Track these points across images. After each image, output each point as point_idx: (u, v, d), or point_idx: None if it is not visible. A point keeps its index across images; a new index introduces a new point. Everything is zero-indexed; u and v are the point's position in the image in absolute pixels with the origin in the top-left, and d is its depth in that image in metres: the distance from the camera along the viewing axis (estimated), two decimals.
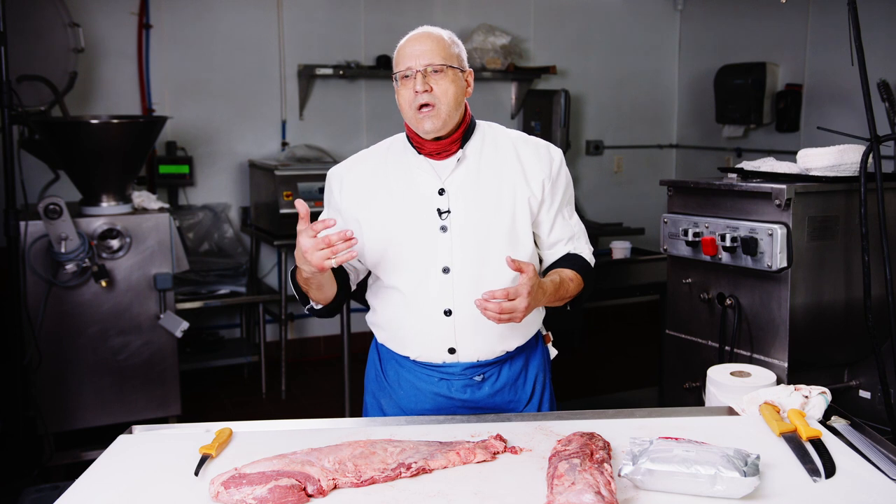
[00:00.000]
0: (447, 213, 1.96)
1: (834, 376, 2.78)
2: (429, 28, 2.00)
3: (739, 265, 2.60)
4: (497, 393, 2.06)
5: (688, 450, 1.52)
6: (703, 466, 1.46)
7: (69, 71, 4.22)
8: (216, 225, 5.04)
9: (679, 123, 6.58)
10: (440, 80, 1.90)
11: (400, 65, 1.93)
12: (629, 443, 1.58)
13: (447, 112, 1.92)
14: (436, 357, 2.02)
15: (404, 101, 1.92)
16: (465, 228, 1.96)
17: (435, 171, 1.98)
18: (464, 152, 1.99)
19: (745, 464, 1.48)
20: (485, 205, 1.97)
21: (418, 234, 1.97)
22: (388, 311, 2.06)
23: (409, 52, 1.93)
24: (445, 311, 1.96)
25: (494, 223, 1.97)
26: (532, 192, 1.99)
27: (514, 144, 2.04)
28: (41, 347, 3.54)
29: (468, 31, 5.68)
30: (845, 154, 2.63)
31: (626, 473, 1.50)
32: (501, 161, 2.01)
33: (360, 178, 2.04)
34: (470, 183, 1.98)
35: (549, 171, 2.02)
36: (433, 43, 1.93)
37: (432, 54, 1.91)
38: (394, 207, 1.99)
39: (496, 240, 1.96)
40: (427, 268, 1.96)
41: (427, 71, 1.89)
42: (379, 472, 1.55)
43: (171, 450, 1.71)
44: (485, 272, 1.95)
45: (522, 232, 1.99)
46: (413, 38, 1.96)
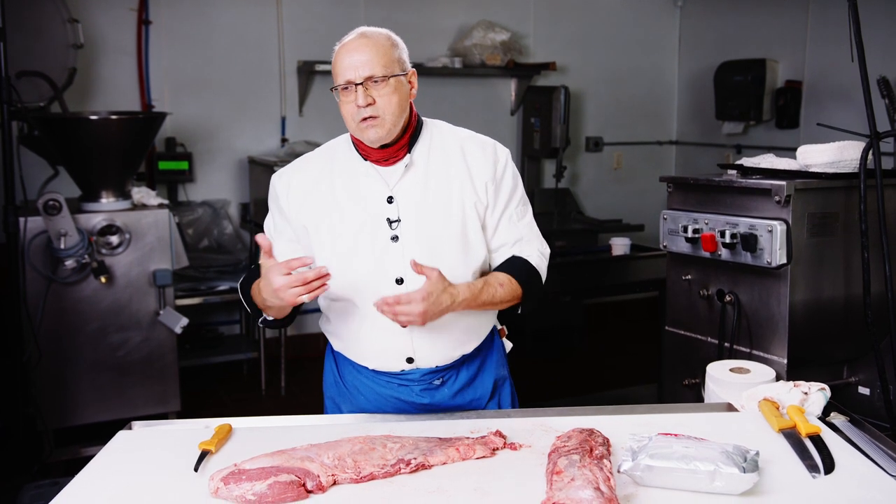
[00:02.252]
0: (397, 222, 1.91)
1: (833, 373, 2.78)
2: (365, 31, 1.88)
3: (739, 262, 2.60)
4: (457, 394, 2.04)
5: (687, 446, 1.52)
6: (703, 463, 1.46)
7: (68, 67, 4.22)
8: (215, 221, 5.04)
9: (679, 120, 6.58)
10: (382, 90, 1.82)
11: (338, 77, 1.84)
12: (628, 439, 1.59)
13: (392, 121, 1.86)
14: (394, 366, 2.00)
15: (346, 114, 1.85)
16: (417, 237, 1.91)
17: (382, 178, 1.92)
18: (411, 157, 1.93)
19: (744, 460, 1.48)
20: (434, 212, 1.92)
21: (369, 246, 1.91)
22: (342, 321, 2.02)
23: (347, 63, 1.83)
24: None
25: (445, 230, 1.92)
26: (478, 196, 1.94)
27: (462, 145, 1.97)
28: (41, 344, 3.53)
29: (468, 28, 5.67)
30: (845, 150, 2.63)
31: (625, 469, 1.51)
32: (449, 164, 1.95)
33: (306, 186, 1.97)
34: (419, 189, 1.92)
35: (492, 173, 1.96)
36: (372, 51, 1.83)
37: (372, 64, 1.82)
38: (343, 217, 1.93)
39: (448, 247, 1.92)
40: (380, 279, 1.91)
41: (367, 83, 1.81)
42: (378, 468, 1.55)
43: (171, 446, 1.71)
44: None
45: (474, 237, 1.95)
46: (350, 47, 1.84)
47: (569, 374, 5.07)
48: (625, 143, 6.39)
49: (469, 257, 1.94)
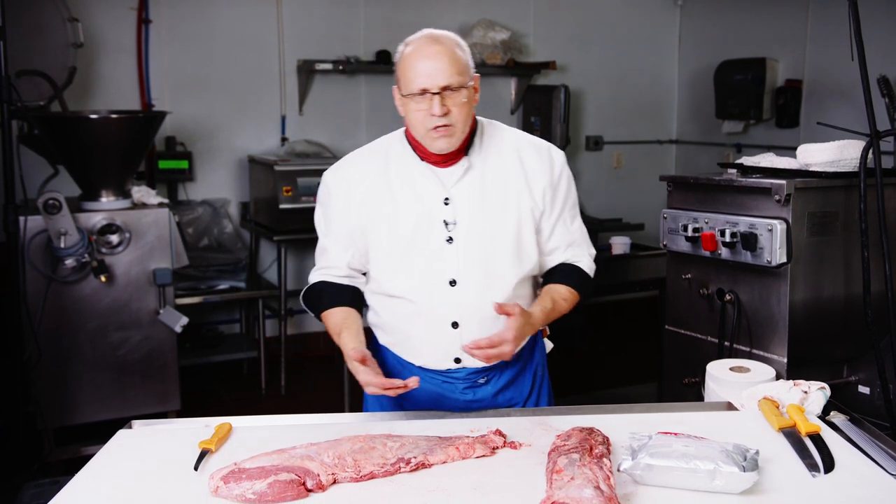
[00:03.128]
0: (453, 224, 1.92)
1: (833, 372, 2.78)
2: (437, 36, 1.86)
3: (739, 261, 2.60)
4: (499, 392, 2.06)
5: (687, 445, 1.52)
6: (702, 461, 1.46)
7: (68, 66, 4.21)
8: (215, 220, 5.04)
9: (679, 119, 6.57)
10: (456, 100, 1.82)
11: (411, 84, 1.82)
12: (628, 438, 1.59)
13: (462, 130, 1.88)
14: (441, 365, 2.01)
15: (416, 120, 1.85)
16: (471, 240, 1.92)
17: (439, 179, 1.93)
18: (469, 160, 1.94)
19: (744, 459, 1.48)
20: (490, 215, 1.93)
21: (425, 246, 1.93)
22: (392, 317, 2.03)
23: (422, 70, 1.81)
24: (452, 323, 1.95)
25: (500, 234, 1.94)
26: (535, 201, 1.96)
27: (518, 148, 1.99)
28: (40, 343, 3.53)
29: (468, 27, 5.67)
30: (845, 149, 2.63)
31: (625, 468, 1.51)
32: (506, 168, 1.96)
33: (362, 184, 1.98)
34: (475, 192, 1.93)
35: (550, 178, 1.98)
36: (448, 60, 1.81)
37: (448, 73, 1.81)
38: (399, 217, 1.94)
39: (502, 251, 1.94)
40: (433, 280, 1.93)
41: (443, 92, 1.81)
42: (378, 467, 1.55)
43: (171, 445, 1.71)
44: (491, 284, 1.94)
45: (527, 242, 1.96)
46: (425, 54, 1.82)
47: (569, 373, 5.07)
48: (625, 142, 6.38)
49: (521, 262, 1.96)
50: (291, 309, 5.29)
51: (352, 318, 1.99)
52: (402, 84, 1.86)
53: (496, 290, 1.93)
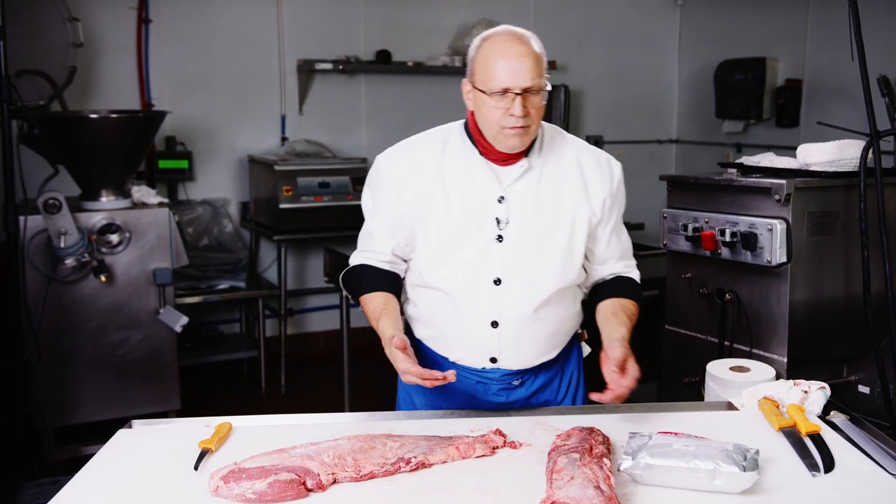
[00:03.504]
0: (505, 223, 1.90)
1: (833, 372, 2.78)
2: (520, 35, 1.82)
3: (739, 260, 2.60)
4: (532, 395, 2.05)
5: (687, 445, 1.52)
6: (702, 461, 1.46)
7: (68, 65, 4.21)
8: (215, 220, 5.04)
9: (679, 119, 6.57)
10: (535, 101, 1.80)
11: (492, 82, 1.78)
12: (628, 437, 1.59)
13: (535, 131, 1.87)
14: (476, 363, 1.99)
15: (491, 117, 1.81)
16: (521, 241, 1.90)
17: (496, 177, 1.90)
18: (529, 161, 1.91)
19: (744, 458, 1.48)
20: (544, 218, 1.91)
21: (473, 242, 1.90)
22: (431, 311, 2.01)
23: (506, 68, 1.78)
24: (492, 322, 1.93)
25: (551, 238, 1.92)
26: (593, 209, 1.94)
27: (577, 156, 1.97)
28: (40, 343, 3.53)
29: (468, 26, 5.67)
30: (845, 149, 2.63)
31: (625, 468, 1.50)
32: (564, 174, 1.94)
33: (417, 170, 1.95)
34: (531, 193, 1.91)
35: (609, 189, 1.97)
36: (531, 60, 1.78)
37: (532, 74, 1.78)
38: (450, 210, 1.91)
39: (551, 255, 1.92)
40: (478, 277, 1.91)
41: (524, 94, 1.78)
42: (378, 467, 1.55)
43: (171, 444, 1.71)
44: (535, 287, 1.92)
45: (577, 250, 1.95)
46: (510, 53, 1.78)
47: None
48: (625, 141, 6.38)
49: (568, 268, 1.94)
50: (291, 309, 5.29)
51: (391, 305, 1.97)
52: (479, 80, 1.82)
53: (540, 293, 1.92)
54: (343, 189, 4.87)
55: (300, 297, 5.47)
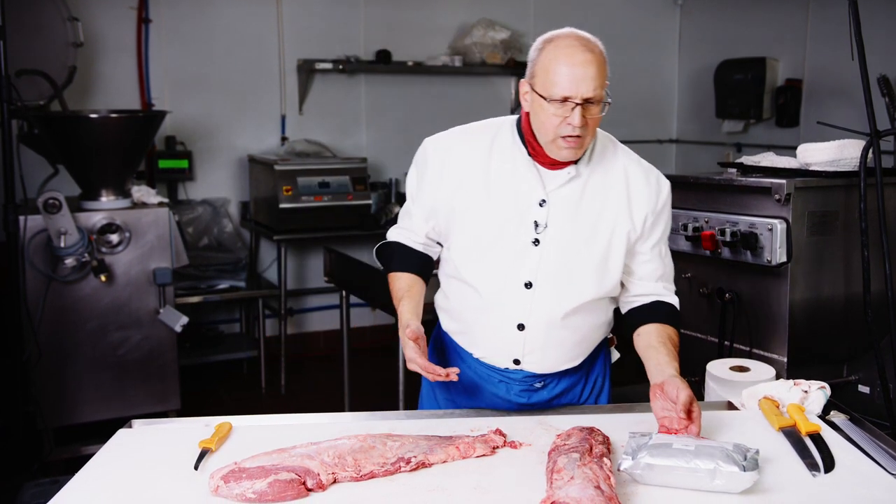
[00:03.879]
0: (544, 227, 1.85)
1: (833, 371, 2.78)
2: (586, 41, 1.76)
3: (739, 260, 2.60)
4: (555, 398, 2.03)
5: (686, 444, 1.52)
6: (702, 461, 1.46)
7: (68, 65, 4.21)
8: (215, 220, 5.04)
9: (679, 118, 6.57)
10: (594, 112, 1.75)
11: (553, 87, 1.72)
12: (628, 437, 1.58)
13: (589, 142, 1.83)
14: (500, 363, 1.98)
15: (548, 123, 1.75)
16: (557, 247, 1.86)
17: (541, 180, 1.86)
18: (577, 169, 1.86)
19: (744, 458, 1.48)
20: (583, 227, 1.87)
21: (510, 244, 1.87)
22: (461, 305, 1.98)
23: (569, 75, 1.71)
24: (519, 325, 1.90)
25: (587, 248, 1.87)
26: (633, 224, 1.89)
27: (626, 168, 1.92)
28: (40, 342, 3.53)
29: (468, 26, 5.67)
30: (845, 149, 2.63)
31: (625, 468, 1.50)
32: (610, 185, 1.89)
33: (463, 161, 1.91)
34: (574, 201, 1.86)
35: (654, 206, 1.91)
36: (596, 69, 1.73)
37: (594, 83, 1.72)
38: (491, 208, 1.88)
39: (586, 266, 1.88)
40: (510, 278, 1.88)
41: (584, 104, 1.72)
42: (378, 467, 1.55)
43: (171, 444, 1.71)
44: (566, 293, 1.88)
45: (613, 264, 1.90)
46: (576, 60, 1.72)
47: None
48: (625, 141, 6.28)
49: (603, 281, 1.90)
50: (291, 308, 5.29)
51: (416, 289, 1.98)
52: (540, 83, 1.75)
53: (571, 301, 1.89)
54: (343, 189, 4.87)
55: (300, 297, 5.47)
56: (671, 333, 1.93)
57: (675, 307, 1.98)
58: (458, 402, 2.06)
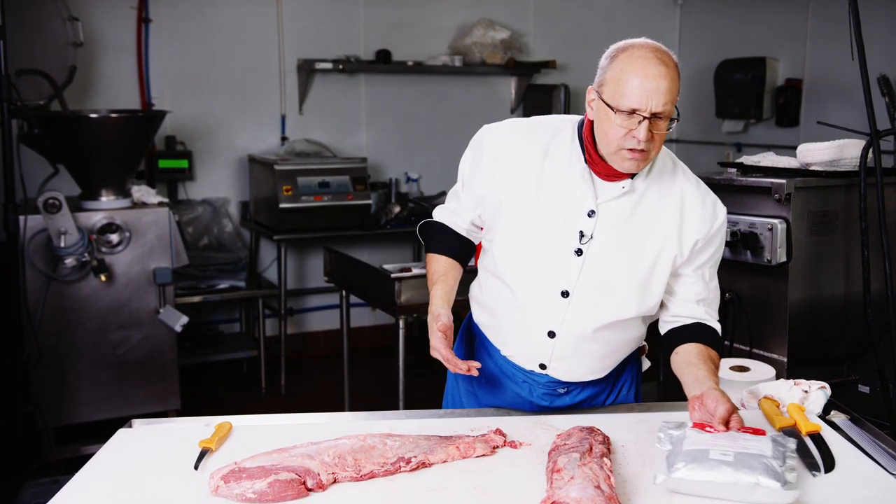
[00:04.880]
0: (589, 238, 1.81)
1: (833, 371, 2.79)
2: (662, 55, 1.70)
3: (739, 260, 2.60)
4: (578, 405, 2.00)
5: (725, 453, 1.44)
6: (743, 474, 1.40)
7: (68, 65, 4.21)
8: (215, 219, 5.04)
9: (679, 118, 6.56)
10: (661, 127, 1.69)
11: (623, 98, 1.66)
12: (659, 429, 1.52)
13: (653, 157, 1.77)
14: (525, 365, 1.96)
15: (613, 134, 1.69)
16: (600, 260, 1.81)
17: (594, 189, 1.81)
18: (633, 184, 1.80)
19: (782, 462, 1.44)
20: (629, 245, 1.82)
21: (551, 250, 1.83)
22: (493, 301, 1.96)
23: (640, 88, 1.65)
24: (550, 332, 1.87)
25: (631, 267, 1.83)
26: (681, 250, 1.83)
27: (683, 190, 1.85)
28: (40, 342, 3.53)
29: (468, 26, 5.67)
30: (845, 149, 2.63)
31: (660, 482, 1.45)
32: (663, 206, 1.83)
33: (518, 156, 1.86)
34: (624, 216, 1.82)
35: (706, 232, 1.84)
36: (668, 83, 1.67)
37: (665, 98, 1.66)
38: (538, 210, 1.83)
39: (626, 284, 1.83)
40: (547, 285, 1.84)
41: (652, 119, 1.67)
42: (378, 467, 1.55)
43: (171, 444, 1.71)
44: (603, 308, 1.84)
45: (656, 286, 1.85)
46: (650, 74, 1.66)
47: None
48: None
49: (643, 301, 1.86)
50: (291, 308, 5.29)
51: (452, 274, 1.97)
52: (608, 92, 1.70)
53: (607, 316, 1.85)
54: (343, 189, 4.87)
55: (300, 297, 5.47)
56: (712, 354, 1.85)
57: (717, 332, 1.90)
58: (479, 396, 2.05)
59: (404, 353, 3.39)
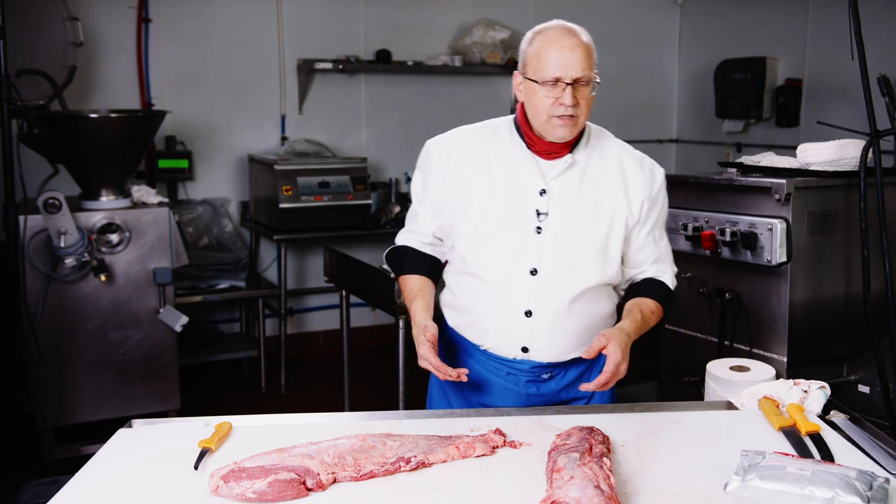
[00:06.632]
0: (545, 215, 1.94)
1: (833, 371, 2.79)
2: (573, 28, 1.91)
3: (739, 260, 2.60)
4: (563, 390, 2.07)
5: (803, 469, 1.39)
6: (819, 488, 1.34)
7: (68, 65, 4.21)
8: (215, 219, 5.04)
9: (679, 118, 6.57)
10: (584, 93, 1.87)
11: (545, 71, 1.85)
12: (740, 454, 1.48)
13: (583, 123, 1.92)
14: (508, 353, 2.02)
15: (541, 106, 1.87)
16: (560, 234, 1.94)
17: (540, 170, 1.95)
18: (573, 157, 1.96)
19: (869, 488, 1.35)
20: (583, 213, 1.96)
21: (513, 232, 1.95)
22: (467, 298, 2.05)
23: (559, 59, 1.85)
24: (526, 311, 1.97)
25: (589, 234, 1.96)
26: (631, 210, 1.98)
27: (621, 157, 2.02)
28: (40, 342, 3.54)
29: (468, 26, 5.67)
30: (845, 149, 2.63)
31: (731, 490, 1.41)
32: (607, 173, 1.99)
33: (465, 158, 2.00)
34: (572, 189, 1.96)
35: (650, 191, 2.01)
36: (583, 52, 1.86)
37: (584, 65, 1.85)
38: (493, 199, 1.96)
39: (588, 250, 1.96)
40: (515, 266, 1.95)
41: (575, 85, 1.84)
42: (378, 466, 1.55)
43: (171, 444, 1.71)
44: (571, 279, 1.96)
45: (613, 248, 1.98)
46: (563, 45, 1.86)
47: None
48: (625, 140, 6.37)
49: (606, 266, 1.98)
50: (291, 308, 5.29)
51: (427, 289, 2.07)
52: (531, 69, 1.88)
53: (577, 286, 1.96)
54: (343, 189, 4.87)
55: (300, 297, 5.47)
56: (647, 303, 2.01)
57: (664, 283, 2.06)
58: (468, 396, 2.09)
59: (404, 353, 3.39)
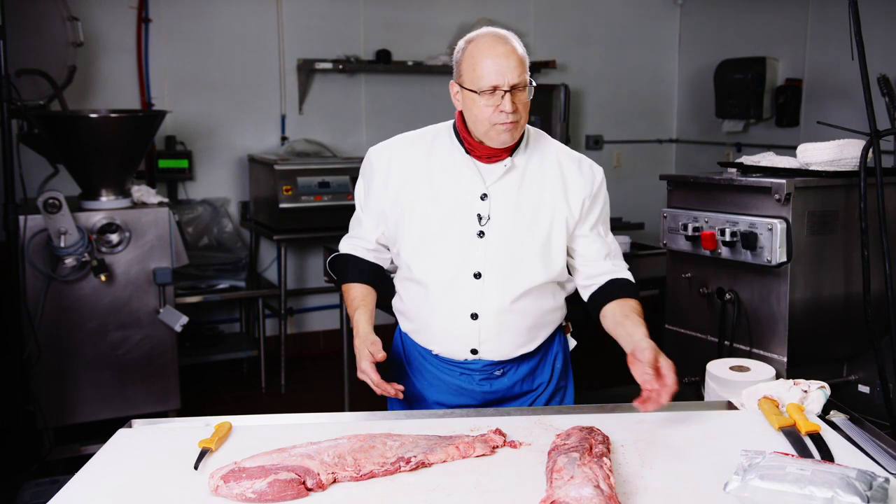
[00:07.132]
0: (486, 219, 1.96)
1: (833, 371, 2.79)
2: (503, 35, 1.91)
3: (739, 260, 2.60)
4: (516, 384, 2.10)
5: (803, 469, 1.40)
6: (819, 488, 1.34)
7: (68, 65, 4.21)
8: (215, 219, 5.04)
9: (679, 118, 6.57)
10: (522, 97, 1.89)
11: (481, 80, 1.86)
12: (740, 454, 1.49)
13: (523, 126, 1.95)
14: (458, 355, 2.05)
15: (482, 115, 1.89)
16: (502, 237, 1.97)
17: (480, 175, 1.98)
18: (512, 160, 1.98)
19: (869, 487, 1.34)
20: (524, 216, 1.98)
21: (455, 237, 1.97)
22: (414, 304, 2.08)
23: (493, 67, 1.86)
24: (472, 314, 1.99)
25: (530, 236, 1.98)
26: (570, 211, 2.01)
27: (559, 159, 2.04)
28: (40, 342, 3.54)
29: (468, 26, 5.66)
30: (845, 149, 2.63)
31: (731, 490, 1.41)
32: (545, 175, 2.01)
33: (406, 164, 2.02)
34: (513, 192, 1.98)
35: (590, 190, 2.03)
36: (516, 58, 1.87)
37: (518, 70, 1.87)
38: (435, 204, 1.98)
39: (529, 252, 1.98)
40: (459, 271, 1.98)
41: (512, 91, 1.86)
42: (378, 466, 1.55)
43: (171, 444, 1.71)
44: (514, 281, 1.98)
45: (556, 248, 2.01)
46: (497, 52, 1.87)
47: None
48: (625, 141, 6.38)
49: (548, 266, 2.00)
50: (291, 308, 5.29)
51: (369, 298, 2.09)
52: (468, 79, 1.90)
53: (519, 287, 1.98)
54: (343, 189, 4.87)
55: (300, 297, 5.47)
56: (633, 305, 2.03)
57: (630, 280, 2.08)
58: (426, 396, 2.13)
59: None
